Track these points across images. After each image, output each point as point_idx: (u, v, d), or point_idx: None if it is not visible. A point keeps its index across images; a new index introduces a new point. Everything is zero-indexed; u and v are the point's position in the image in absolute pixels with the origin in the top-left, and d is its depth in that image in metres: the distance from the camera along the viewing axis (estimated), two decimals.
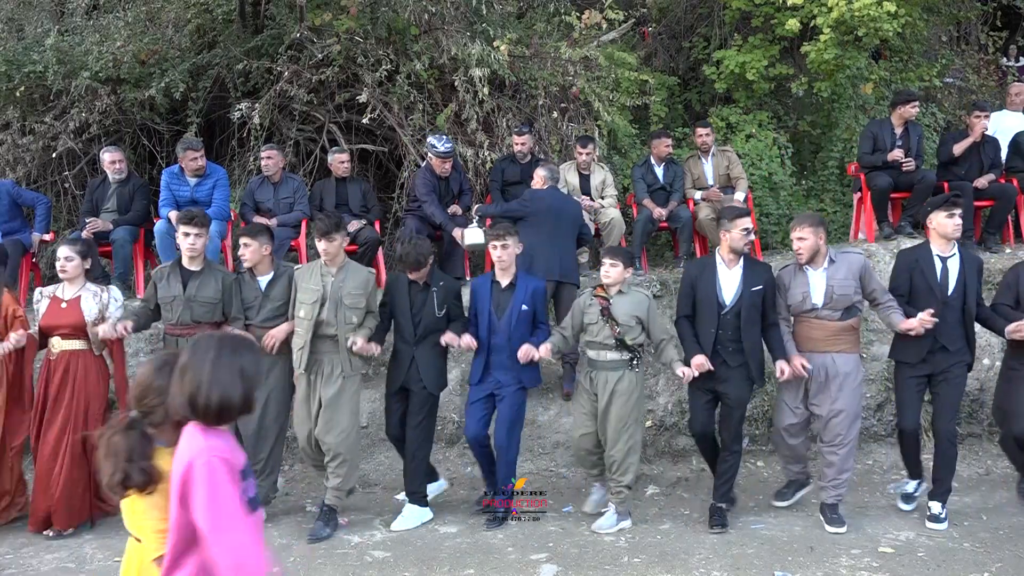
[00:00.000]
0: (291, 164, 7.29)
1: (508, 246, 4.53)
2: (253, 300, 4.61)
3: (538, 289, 4.64)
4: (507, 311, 4.52)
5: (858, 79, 8.18)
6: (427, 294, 4.57)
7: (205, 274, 4.62)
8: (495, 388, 4.56)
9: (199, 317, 4.55)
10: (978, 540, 4.25)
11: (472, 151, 7.03)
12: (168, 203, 6.27)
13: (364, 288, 4.53)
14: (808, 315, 4.38)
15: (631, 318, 4.40)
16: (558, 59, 7.31)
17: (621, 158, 7.75)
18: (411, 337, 4.56)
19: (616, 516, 4.50)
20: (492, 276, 4.66)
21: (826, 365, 4.33)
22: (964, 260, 4.41)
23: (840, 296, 4.30)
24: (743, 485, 5.07)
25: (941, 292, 4.35)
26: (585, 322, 4.49)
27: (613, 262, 4.42)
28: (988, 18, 10.08)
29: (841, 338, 4.35)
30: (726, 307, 4.34)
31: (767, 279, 4.40)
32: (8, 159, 6.95)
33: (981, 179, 6.64)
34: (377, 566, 4.05)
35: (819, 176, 8.25)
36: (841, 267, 4.34)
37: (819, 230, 4.33)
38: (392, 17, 7.12)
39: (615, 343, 4.39)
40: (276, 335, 4.53)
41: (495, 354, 4.54)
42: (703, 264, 4.51)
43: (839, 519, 4.40)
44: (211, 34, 7.60)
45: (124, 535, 4.60)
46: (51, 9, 8.34)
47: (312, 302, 4.43)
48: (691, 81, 9.03)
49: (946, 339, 4.34)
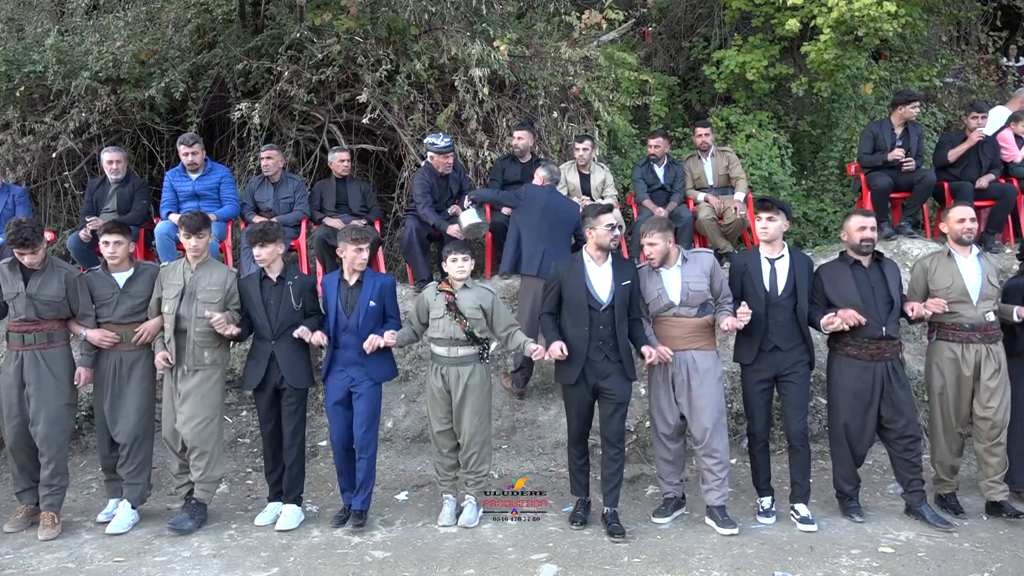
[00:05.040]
0: (291, 164, 7.30)
1: (362, 250, 4.56)
2: (109, 297, 4.62)
3: (386, 284, 4.66)
4: (355, 308, 4.54)
5: (858, 79, 8.18)
6: (282, 288, 4.61)
7: (47, 272, 4.60)
8: (350, 385, 4.56)
9: (43, 314, 4.56)
10: (978, 540, 4.25)
11: (472, 151, 7.03)
12: (169, 204, 6.30)
13: (220, 284, 4.60)
14: (666, 314, 4.46)
15: (477, 310, 4.49)
16: (558, 59, 7.31)
17: (621, 158, 7.76)
18: (268, 333, 4.59)
19: (476, 507, 4.62)
20: (340, 275, 4.66)
21: (686, 363, 4.41)
22: (794, 261, 4.52)
23: (695, 292, 4.42)
24: (742, 485, 5.08)
25: (768, 293, 4.45)
26: (432, 317, 4.54)
27: (464, 256, 4.53)
28: (988, 18, 10.08)
29: (699, 335, 4.45)
30: (603, 304, 4.37)
31: (633, 275, 4.47)
32: (8, 159, 6.95)
33: (981, 179, 6.64)
34: (377, 566, 4.05)
35: (819, 176, 8.25)
36: (695, 265, 4.47)
37: (667, 234, 4.49)
38: (392, 17, 7.12)
39: (465, 336, 4.46)
40: (148, 328, 4.59)
41: (343, 350, 4.55)
42: (570, 263, 4.53)
43: (730, 520, 4.41)
44: (211, 34, 7.60)
45: (124, 535, 4.63)
46: (51, 9, 8.35)
47: (174, 297, 4.54)
48: (691, 81, 9.04)
49: (777, 339, 4.44)
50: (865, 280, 4.48)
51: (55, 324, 4.60)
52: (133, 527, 4.58)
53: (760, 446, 4.60)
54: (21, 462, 4.62)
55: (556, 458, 5.51)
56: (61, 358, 4.60)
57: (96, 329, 4.58)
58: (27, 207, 6.27)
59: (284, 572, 3.99)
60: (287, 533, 4.49)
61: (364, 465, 4.56)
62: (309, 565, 4.06)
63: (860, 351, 4.44)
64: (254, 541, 4.39)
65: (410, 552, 4.21)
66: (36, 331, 4.55)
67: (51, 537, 4.49)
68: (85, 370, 4.60)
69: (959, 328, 4.52)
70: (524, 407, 5.73)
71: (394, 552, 4.22)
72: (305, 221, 6.39)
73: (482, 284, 4.74)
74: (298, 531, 4.53)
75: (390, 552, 4.22)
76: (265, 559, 4.14)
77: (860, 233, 4.46)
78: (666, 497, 4.68)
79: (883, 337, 4.42)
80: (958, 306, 4.48)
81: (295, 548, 4.29)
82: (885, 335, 4.42)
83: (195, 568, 4.04)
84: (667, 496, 4.67)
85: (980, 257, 4.61)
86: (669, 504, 4.65)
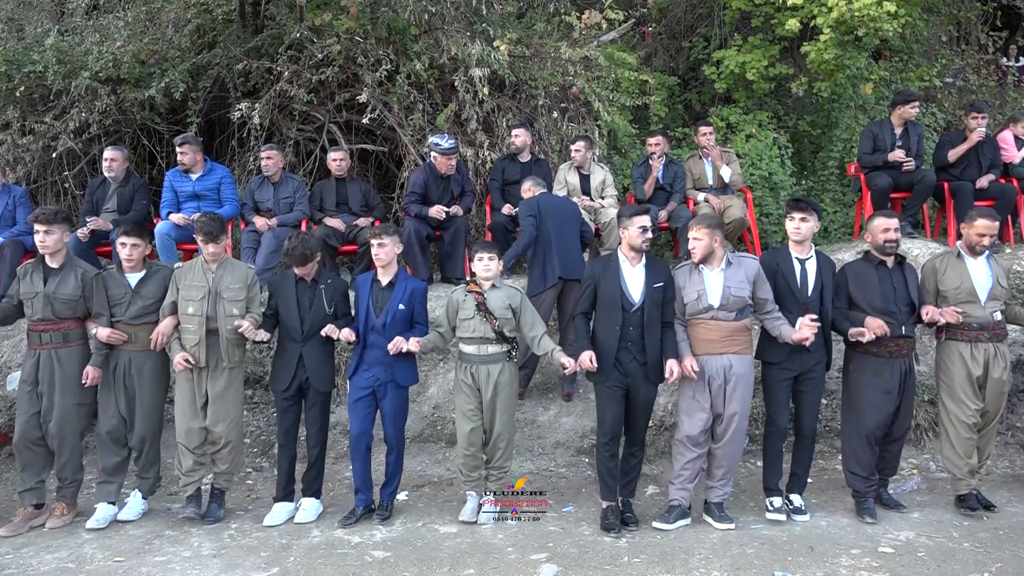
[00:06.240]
0: (291, 164, 7.30)
1: (385, 244, 4.58)
2: (122, 297, 4.65)
3: (417, 289, 4.68)
4: (384, 309, 4.56)
5: (858, 79, 8.18)
6: (315, 291, 4.65)
7: (65, 270, 4.67)
8: (375, 385, 4.60)
9: (60, 313, 4.63)
10: (978, 540, 4.25)
11: (472, 151, 7.03)
12: (169, 204, 6.30)
13: (243, 282, 4.66)
14: (703, 316, 4.42)
15: (506, 310, 4.51)
16: (558, 59, 7.31)
17: (621, 158, 7.76)
18: (298, 335, 4.62)
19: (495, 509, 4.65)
20: (374, 274, 4.69)
21: (724, 367, 4.39)
22: (820, 263, 4.55)
23: (736, 298, 4.38)
24: (743, 485, 5.08)
25: (802, 294, 4.48)
26: (461, 318, 4.57)
27: (490, 255, 4.54)
28: (988, 18, 10.08)
29: (737, 339, 4.43)
30: (634, 305, 4.37)
31: (667, 277, 4.45)
32: (8, 159, 6.96)
33: (981, 179, 6.64)
34: (377, 566, 4.05)
35: (819, 176, 8.25)
36: (739, 270, 4.43)
37: (715, 232, 4.42)
38: (392, 17, 7.12)
39: (495, 336, 4.47)
40: (162, 331, 4.60)
41: (371, 350, 4.59)
42: (606, 262, 4.53)
43: (727, 516, 4.49)
44: (211, 34, 7.60)
45: (124, 535, 4.64)
46: (51, 9, 8.35)
47: (199, 298, 4.56)
48: (691, 81, 9.04)
49: None
50: (888, 280, 4.54)
51: (72, 323, 4.67)
52: (131, 528, 4.59)
53: (781, 443, 4.61)
54: (26, 460, 4.65)
55: (556, 458, 5.51)
56: (76, 357, 4.65)
57: (106, 328, 4.60)
58: (27, 207, 6.27)
59: (284, 572, 3.99)
60: (288, 533, 4.50)
61: (393, 460, 4.69)
62: (309, 565, 4.07)
63: (880, 349, 4.50)
64: (254, 541, 4.39)
65: (410, 552, 4.21)
66: (53, 331, 4.62)
67: (59, 526, 4.58)
68: (93, 369, 4.63)
69: (967, 328, 4.56)
70: (524, 407, 5.73)
71: (394, 552, 4.22)
72: (305, 221, 6.39)
73: (511, 284, 4.75)
74: (298, 531, 4.53)
75: (390, 552, 4.22)
76: (265, 559, 4.14)
77: (884, 235, 4.52)
78: (672, 503, 4.55)
79: (902, 336, 4.49)
80: (966, 306, 4.53)
81: (295, 548, 4.29)
82: (904, 333, 4.50)
83: (195, 568, 4.05)
84: (673, 503, 4.54)
85: (989, 258, 4.66)
86: (674, 511, 4.52)
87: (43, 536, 4.52)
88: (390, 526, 4.59)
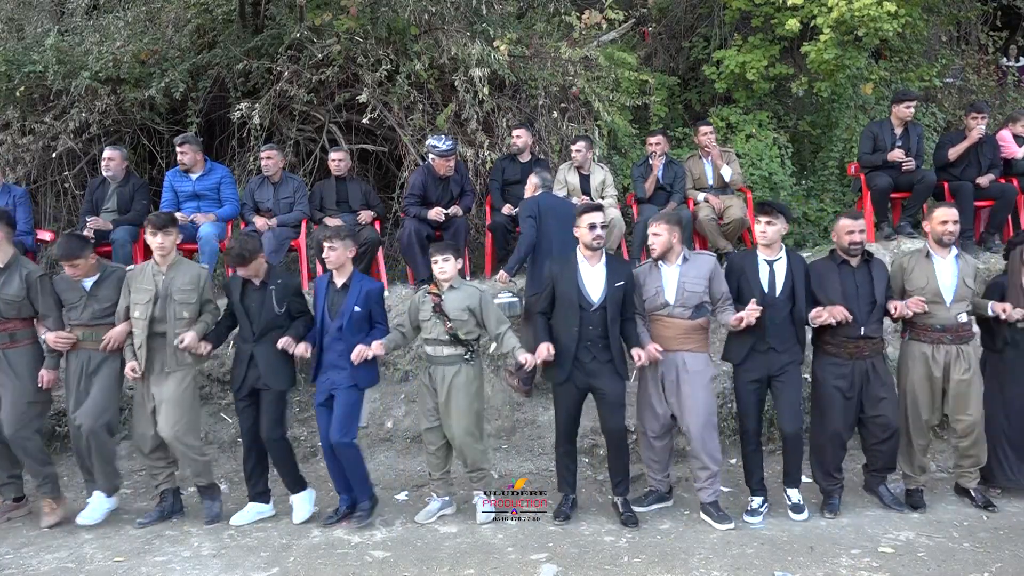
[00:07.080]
0: (291, 164, 7.30)
1: (336, 248, 4.51)
2: (77, 300, 4.61)
3: (372, 290, 4.61)
4: (340, 311, 4.52)
5: (858, 79, 8.18)
6: (264, 293, 4.58)
7: (10, 270, 4.62)
8: (331, 388, 4.53)
9: (5, 313, 4.59)
10: (978, 540, 4.25)
11: (472, 151, 7.03)
12: (169, 204, 6.30)
13: (195, 283, 4.61)
14: (660, 312, 4.48)
15: (463, 311, 4.47)
16: (558, 59, 7.31)
17: (621, 158, 7.75)
18: (249, 336, 4.59)
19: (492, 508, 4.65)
20: (330, 276, 4.64)
21: (676, 364, 4.43)
22: (792, 264, 4.56)
23: (690, 293, 4.41)
24: (741, 485, 5.08)
25: (765, 295, 4.47)
26: (420, 319, 4.56)
27: (444, 256, 4.51)
28: (988, 18, 10.08)
29: (691, 337, 4.46)
30: (593, 305, 4.38)
31: (628, 275, 4.47)
32: (8, 159, 6.95)
33: (981, 179, 6.64)
34: (377, 566, 4.05)
35: (819, 176, 8.25)
36: (693, 266, 4.47)
37: (674, 228, 4.46)
38: (392, 17, 7.12)
39: (449, 338, 4.45)
40: (114, 335, 4.56)
41: (328, 353, 4.54)
42: (564, 262, 4.54)
43: (725, 515, 4.50)
44: (211, 34, 7.60)
45: (124, 535, 4.63)
46: (51, 9, 8.35)
47: (146, 301, 4.50)
48: (691, 81, 9.04)
49: (774, 340, 4.47)
50: (851, 279, 4.55)
51: (18, 324, 4.64)
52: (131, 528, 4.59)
53: (752, 446, 4.63)
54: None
55: None
56: (25, 357, 4.62)
57: (54, 331, 4.58)
58: (27, 207, 6.27)
59: (284, 572, 3.99)
60: (288, 533, 4.50)
61: (347, 466, 4.52)
62: (309, 565, 4.07)
63: (839, 349, 4.52)
64: (254, 541, 4.39)
65: (410, 552, 4.21)
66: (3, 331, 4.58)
67: (53, 523, 4.58)
68: (47, 372, 4.62)
69: (930, 328, 4.58)
70: (524, 407, 5.73)
71: (394, 552, 4.22)
72: (305, 221, 6.39)
73: (471, 283, 4.73)
74: (298, 531, 4.53)
75: (390, 552, 4.22)
76: (265, 559, 4.14)
77: (848, 236, 4.53)
78: (649, 489, 4.79)
79: (862, 336, 4.49)
80: (931, 306, 4.54)
81: (295, 548, 4.29)
82: (864, 335, 4.49)
83: (195, 568, 4.05)
84: (650, 488, 4.78)
85: (958, 258, 4.64)
86: (651, 496, 4.76)
87: (43, 536, 4.52)
88: (390, 526, 4.59)
